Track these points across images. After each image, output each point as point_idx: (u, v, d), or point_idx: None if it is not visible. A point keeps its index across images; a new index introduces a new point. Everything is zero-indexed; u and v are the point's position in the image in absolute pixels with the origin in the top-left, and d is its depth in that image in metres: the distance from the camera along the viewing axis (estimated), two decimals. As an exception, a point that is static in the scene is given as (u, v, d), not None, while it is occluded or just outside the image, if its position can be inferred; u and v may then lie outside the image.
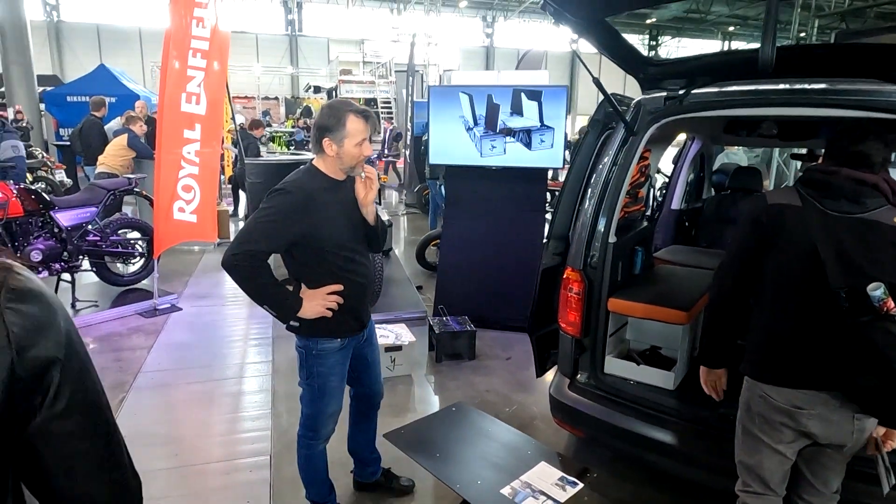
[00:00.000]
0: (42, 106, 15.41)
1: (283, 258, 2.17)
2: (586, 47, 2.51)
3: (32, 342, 0.62)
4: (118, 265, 5.32)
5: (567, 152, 5.05)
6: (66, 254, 4.77)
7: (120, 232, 5.23)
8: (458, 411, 2.18)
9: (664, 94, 2.49)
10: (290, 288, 2.16)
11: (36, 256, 4.58)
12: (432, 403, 3.71)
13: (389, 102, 19.42)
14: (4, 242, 4.45)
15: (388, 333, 3.99)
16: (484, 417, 2.14)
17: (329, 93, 21.68)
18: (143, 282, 5.41)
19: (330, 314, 2.10)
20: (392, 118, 18.98)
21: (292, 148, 12.80)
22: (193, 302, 5.30)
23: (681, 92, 2.38)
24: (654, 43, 33.00)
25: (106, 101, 7.89)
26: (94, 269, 5.06)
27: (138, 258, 5.32)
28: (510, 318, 4.73)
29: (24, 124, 11.59)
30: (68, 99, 16.06)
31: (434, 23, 29.47)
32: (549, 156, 4.63)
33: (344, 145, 2.06)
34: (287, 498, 2.69)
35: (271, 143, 18.16)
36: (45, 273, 4.75)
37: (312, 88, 22.51)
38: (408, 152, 10.42)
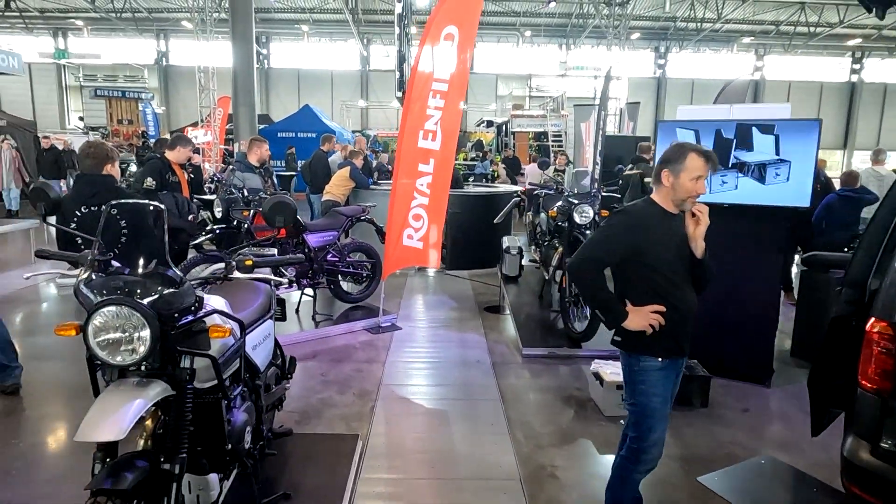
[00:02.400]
0: (258, 141, 17.79)
1: (615, 276, 2.38)
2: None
3: None
4: (349, 284, 5.89)
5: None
6: (311, 271, 5.40)
7: (351, 254, 5.82)
8: (768, 463, 2.05)
9: None
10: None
11: (291, 272, 5.26)
12: (671, 448, 3.54)
13: (560, 136, 19.50)
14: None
15: (619, 371, 3.91)
16: (801, 475, 1.99)
17: (499, 127, 22.36)
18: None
19: (650, 330, 2.19)
20: (563, 151, 19.02)
21: (472, 180, 13.32)
22: (409, 322, 5.69)
23: None
24: (858, 66, 29.37)
25: (333, 137, 8.91)
26: (331, 286, 5.67)
27: (365, 279, 5.86)
28: (742, 366, 4.41)
29: (291, 152, 13.90)
30: (279, 135, 18.47)
31: (605, 56, 29.25)
32: (791, 191, 4.30)
33: (680, 178, 2.21)
34: (548, 526, 2.73)
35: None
36: (294, 287, 5.43)
37: (485, 122, 23.35)
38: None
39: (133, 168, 14.17)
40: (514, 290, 6.24)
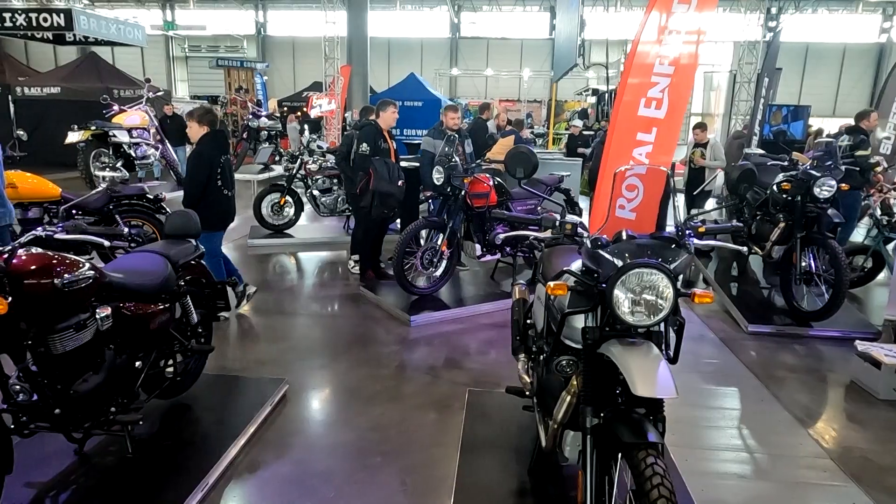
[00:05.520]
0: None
1: None
2: None
3: None
4: (543, 253, 5.90)
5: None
6: (515, 240, 5.44)
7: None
8: None
9: None
10: None
11: (498, 240, 5.33)
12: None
13: (672, 105, 18.62)
14: (481, 226, 5.25)
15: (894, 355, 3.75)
16: None
17: (601, 96, 21.62)
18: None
19: None
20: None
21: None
22: (605, 293, 5.67)
23: None
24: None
25: (491, 105, 8.89)
26: (529, 254, 5.70)
27: (560, 248, 5.86)
28: None
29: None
30: (385, 103, 18.65)
31: (708, 19, 27.53)
32: None
33: None
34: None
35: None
36: (499, 255, 5.49)
37: (591, 91, 22.69)
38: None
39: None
40: (710, 266, 6.08)
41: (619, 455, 1.80)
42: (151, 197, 5.34)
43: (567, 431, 2.18)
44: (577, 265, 2.22)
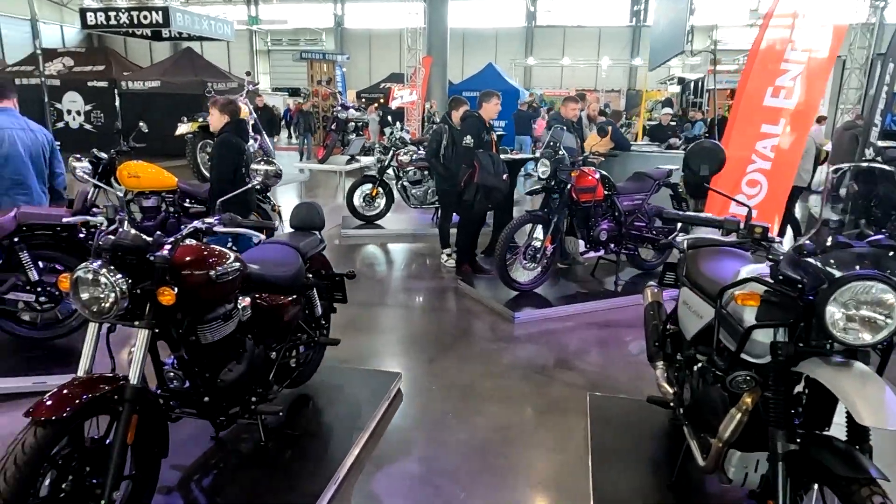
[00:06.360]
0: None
1: None
2: None
3: None
4: (647, 251, 5.64)
5: None
6: (619, 236, 5.22)
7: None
8: None
9: None
10: None
11: (603, 236, 5.12)
12: None
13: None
14: (585, 221, 5.07)
15: None
16: None
17: (685, 85, 20.63)
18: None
19: None
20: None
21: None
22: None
23: None
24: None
25: (586, 95, 8.62)
26: (633, 251, 5.46)
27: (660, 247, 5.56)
28: None
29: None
30: (463, 94, 18.54)
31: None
32: None
33: None
34: None
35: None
36: (602, 251, 5.28)
37: (676, 79, 21.71)
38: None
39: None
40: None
41: (817, 486, 1.62)
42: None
43: (732, 451, 2.01)
44: (749, 270, 2.03)
